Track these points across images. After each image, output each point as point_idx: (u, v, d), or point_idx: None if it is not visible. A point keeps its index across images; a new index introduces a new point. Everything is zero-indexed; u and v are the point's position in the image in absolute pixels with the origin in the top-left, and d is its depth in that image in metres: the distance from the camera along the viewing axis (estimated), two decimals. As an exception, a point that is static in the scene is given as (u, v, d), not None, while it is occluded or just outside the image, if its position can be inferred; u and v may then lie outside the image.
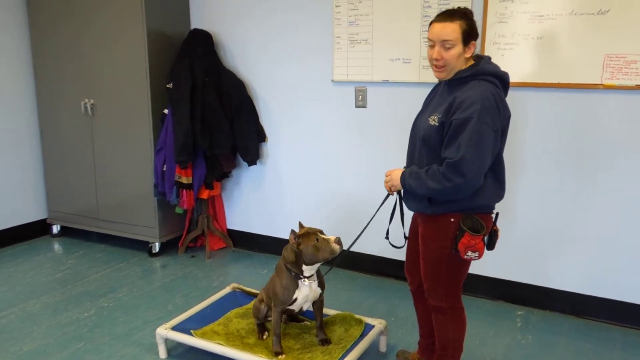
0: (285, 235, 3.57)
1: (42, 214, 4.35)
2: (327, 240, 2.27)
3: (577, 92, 2.80)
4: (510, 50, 2.88)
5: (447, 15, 1.96)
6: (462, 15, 1.95)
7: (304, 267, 2.34)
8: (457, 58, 1.96)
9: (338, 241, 2.27)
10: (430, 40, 1.99)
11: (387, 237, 2.37)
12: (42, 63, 4.05)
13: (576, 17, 2.70)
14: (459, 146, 1.87)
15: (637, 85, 2.64)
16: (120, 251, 4.00)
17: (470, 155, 1.86)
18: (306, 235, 2.32)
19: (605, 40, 2.67)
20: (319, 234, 2.31)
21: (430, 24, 1.99)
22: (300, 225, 2.41)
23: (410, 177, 2.02)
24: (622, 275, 2.86)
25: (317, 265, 2.37)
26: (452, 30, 1.93)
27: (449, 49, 1.94)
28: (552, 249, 3.01)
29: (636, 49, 2.61)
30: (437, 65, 2.00)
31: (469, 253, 1.98)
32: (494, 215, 2.11)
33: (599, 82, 2.72)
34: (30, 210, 4.27)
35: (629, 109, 2.70)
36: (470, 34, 1.96)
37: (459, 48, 1.95)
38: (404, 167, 2.17)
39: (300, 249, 2.31)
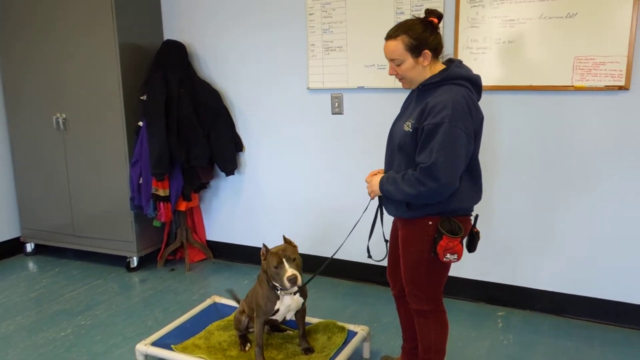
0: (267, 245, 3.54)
1: (15, 232, 4.25)
2: (284, 271, 2.19)
3: (549, 94, 2.85)
4: (483, 54, 2.92)
5: (390, 33, 2.01)
6: (405, 29, 1.98)
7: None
8: (412, 70, 2.00)
9: (291, 279, 2.17)
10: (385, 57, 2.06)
11: (369, 256, 2.37)
12: (11, 77, 3.97)
13: (546, 21, 2.76)
14: (431, 151, 1.89)
15: (606, 86, 2.70)
16: (97, 267, 3.92)
17: (442, 159, 1.87)
18: (272, 255, 2.26)
19: (574, 43, 2.72)
20: (283, 259, 2.21)
21: None
22: (284, 239, 2.36)
23: (388, 183, 2.04)
24: (600, 273, 2.91)
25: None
26: (394, 47, 1.99)
27: (399, 65, 2.01)
28: (531, 250, 3.05)
29: (604, 50, 2.67)
30: (397, 78, 2.08)
31: (448, 255, 1.99)
32: (472, 218, 2.12)
33: (570, 84, 2.77)
34: (2, 229, 4.16)
35: (600, 109, 2.76)
36: (417, 45, 1.97)
37: (409, 62, 1.99)
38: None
39: (265, 267, 2.29)
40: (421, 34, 1.97)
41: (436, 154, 1.87)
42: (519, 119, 2.94)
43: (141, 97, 3.57)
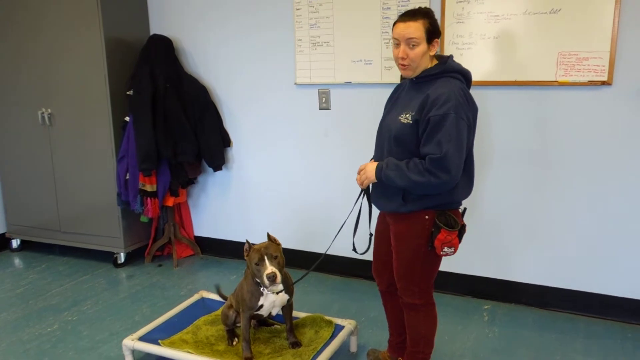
0: (253, 240, 3.55)
1: (1, 229, 4.21)
2: (264, 268, 2.19)
3: (534, 89, 2.87)
4: (469, 49, 2.94)
5: (410, 15, 2.00)
6: (425, 14, 2.00)
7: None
8: (422, 56, 2.00)
9: (270, 277, 2.16)
10: (395, 39, 2.02)
11: (354, 249, 2.38)
12: (-4, 72, 3.93)
13: (530, 17, 2.78)
14: (440, 142, 1.90)
15: (589, 81, 2.73)
16: (84, 263, 3.90)
17: (452, 151, 1.89)
18: (254, 251, 2.26)
19: (558, 39, 2.75)
20: (265, 257, 2.21)
21: (395, 23, 2.03)
22: (268, 237, 2.36)
23: (389, 169, 2.00)
24: (584, 266, 2.95)
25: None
26: (415, 28, 1.97)
27: (413, 47, 1.98)
28: (516, 244, 3.08)
29: (587, 46, 2.70)
30: (402, 63, 2.03)
31: (445, 249, 2.01)
32: (461, 210, 2.14)
33: (554, 79, 2.80)
34: (-13, 225, 4.13)
35: (583, 104, 2.79)
36: (433, 32, 2.00)
37: (423, 46, 1.98)
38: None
39: (248, 263, 2.29)
40: (437, 23, 2.01)
41: (446, 145, 1.89)
42: (503, 114, 2.96)
43: (127, 92, 3.55)
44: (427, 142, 1.94)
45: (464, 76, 2.05)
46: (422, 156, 1.95)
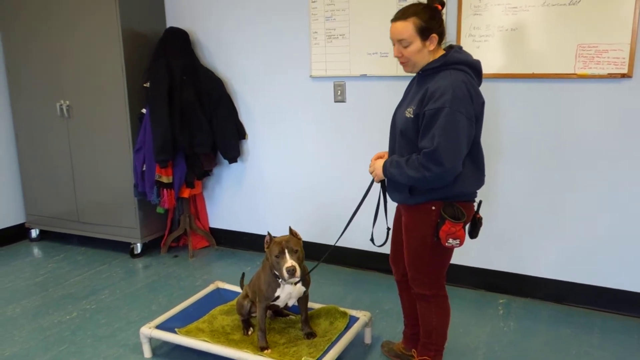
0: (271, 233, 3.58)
1: (20, 219, 4.28)
2: (283, 262, 2.21)
3: (552, 82, 2.85)
4: (485, 42, 2.92)
5: (400, 14, 2.00)
6: (415, 11, 1.98)
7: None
8: (418, 53, 2.00)
9: (290, 270, 2.18)
10: (390, 39, 2.04)
11: (372, 239, 2.38)
12: (15, 64, 3.98)
13: (548, 8, 2.75)
14: (433, 136, 1.90)
15: (609, 74, 2.70)
16: (101, 253, 3.96)
17: (444, 143, 1.89)
18: (275, 244, 2.27)
19: (577, 31, 2.72)
20: (285, 250, 2.22)
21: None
22: (290, 230, 2.37)
23: (392, 166, 2.05)
24: (601, 261, 2.92)
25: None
26: (404, 28, 1.98)
27: (406, 46, 2.00)
28: (532, 238, 3.06)
29: (607, 38, 2.67)
30: (400, 61, 2.06)
31: (450, 240, 2.01)
32: (475, 204, 2.14)
33: (572, 72, 2.77)
34: (7, 215, 4.19)
35: (602, 97, 2.76)
36: (427, 28, 1.97)
37: (416, 44, 1.98)
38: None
39: (268, 255, 2.31)
40: (430, 18, 1.98)
41: (438, 138, 1.89)
42: (521, 107, 2.94)
43: (144, 84, 3.58)
44: (423, 137, 1.95)
45: (471, 67, 2.02)
46: (420, 150, 1.96)
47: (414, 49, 1.99)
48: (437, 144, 1.88)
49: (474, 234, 2.17)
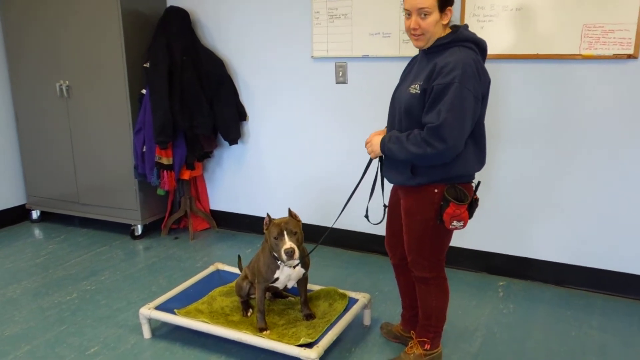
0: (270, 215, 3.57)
1: (21, 200, 4.28)
2: (282, 243, 2.20)
3: (556, 62, 2.80)
4: (490, 22, 2.87)
5: None
6: None
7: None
8: (435, 25, 1.95)
9: (288, 252, 2.17)
10: (406, 10, 1.97)
11: (366, 216, 2.37)
12: (15, 45, 3.94)
13: (554, -13, 2.70)
14: (440, 111, 1.87)
15: (614, 54, 2.65)
16: (102, 235, 3.96)
17: (451, 119, 1.85)
18: (274, 225, 2.26)
19: (583, 11, 2.67)
20: (284, 232, 2.21)
21: None
22: (289, 212, 2.35)
23: (391, 142, 2.01)
24: (601, 244, 2.91)
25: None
26: None
27: (425, 16, 1.93)
28: (532, 220, 3.04)
29: (613, 18, 2.62)
30: (414, 34, 1.98)
31: (454, 223, 1.99)
32: (474, 185, 2.12)
33: (577, 53, 2.72)
34: (8, 196, 4.19)
35: (607, 78, 2.72)
36: (446, 1, 1.94)
37: (435, 15, 1.93)
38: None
39: (267, 236, 2.30)
40: None
41: (445, 114, 1.85)
42: (525, 87, 2.90)
43: (144, 65, 3.55)
44: (429, 111, 1.91)
45: (478, 45, 1.99)
46: (424, 126, 1.92)
47: (432, 20, 1.93)
48: (443, 119, 1.85)
49: (470, 214, 2.15)
